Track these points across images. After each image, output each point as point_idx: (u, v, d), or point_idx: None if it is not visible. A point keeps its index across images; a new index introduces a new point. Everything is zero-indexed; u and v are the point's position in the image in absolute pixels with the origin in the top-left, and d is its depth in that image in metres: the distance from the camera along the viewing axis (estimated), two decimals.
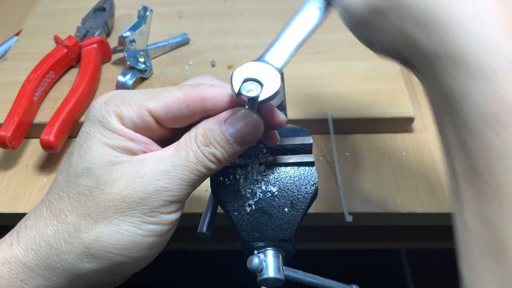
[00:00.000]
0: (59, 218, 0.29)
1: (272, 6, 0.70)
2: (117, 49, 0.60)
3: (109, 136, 0.29)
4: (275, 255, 0.32)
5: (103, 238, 0.28)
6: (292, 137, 0.34)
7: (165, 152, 0.30)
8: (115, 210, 0.28)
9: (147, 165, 0.29)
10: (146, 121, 0.29)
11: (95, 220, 0.28)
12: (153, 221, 0.29)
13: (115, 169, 0.28)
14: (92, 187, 0.28)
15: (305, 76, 0.57)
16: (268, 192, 0.33)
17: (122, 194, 0.28)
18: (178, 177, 0.29)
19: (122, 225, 0.28)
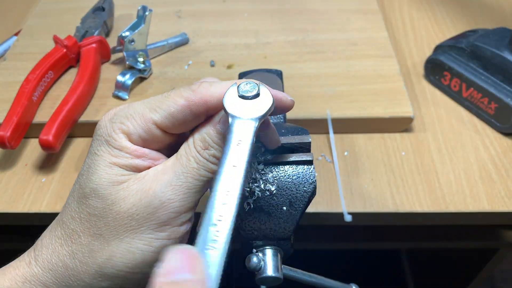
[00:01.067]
0: (73, 239, 0.29)
1: (271, 6, 0.70)
2: (116, 49, 0.60)
3: (116, 154, 0.29)
4: (273, 254, 0.32)
5: (115, 257, 0.28)
6: (290, 135, 0.34)
7: (166, 163, 0.30)
8: (125, 228, 0.28)
9: (151, 179, 0.29)
10: (154, 134, 0.30)
11: (106, 240, 0.29)
12: (163, 236, 0.29)
13: (122, 188, 0.29)
14: (101, 207, 0.29)
15: (305, 75, 0.57)
16: (266, 191, 0.33)
17: (130, 212, 0.28)
18: (182, 186, 0.28)
19: (133, 244, 0.28)
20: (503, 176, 0.49)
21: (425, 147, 0.53)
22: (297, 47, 0.62)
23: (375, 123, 0.53)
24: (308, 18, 0.67)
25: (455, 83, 0.56)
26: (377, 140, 0.53)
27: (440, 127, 0.55)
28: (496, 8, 0.72)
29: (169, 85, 0.58)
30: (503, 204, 0.47)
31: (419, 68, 0.62)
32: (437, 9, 0.72)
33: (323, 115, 0.52)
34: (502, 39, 0.53)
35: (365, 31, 0.64)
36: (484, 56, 0.53)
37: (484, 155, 0.52)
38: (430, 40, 0.66)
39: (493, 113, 0.53)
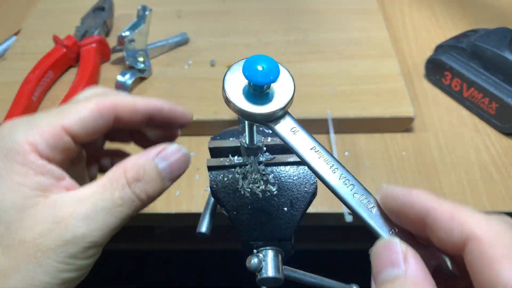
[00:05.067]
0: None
1: (271, 5, 0.69)
2: (116, 49, 0.60)
3: (19, 171, 0.25)
4: (274, 255, 0.32)
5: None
6: None
7: (85, 191, 0.26)
8: (27, 259, 0.25)
9: (64, 208, 0.26)
10: (64, 141, 0.27)
11: (4, 275, 0.25)
12: (69, 268, 0.26)
13: (28, 215, 0.25)
14: (2, 235, 0.25)
15: (305, 75, 0.57)
16: (267, 191, 0.33)
17: (36, 241, 0.25)
18: (99, 222, 0.26)
19: (35, 277, 0.25)
20: (504, 176, 0.49)
21: (425, 147, 0.53)
22: (297, 46, 0.62)
23: (375, 123, 0.53)
24: (308, 18, 0.67)
25: (456, 83, 0.56)
26: (377, 140, 0.53)
27: (440, 127, 0.55)
28: (496, 8, 0.72)
29: (169, 85, 0.57)
30: (504, 204, 0.47)
31: (419, 68, 0.62)
32: (438, 9, 0.72)
33: (323, 115, 0.52)
34: (502, 39, 0.53)
35: (366, 31, 0.64)
36: (485, 56, 0.53)
37: (485, 155, 0.52)
38: (430, 40, 0.66)
39: (494, 113, 0.53)
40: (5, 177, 0.25)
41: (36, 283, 0.25)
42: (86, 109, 0.27)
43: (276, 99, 0.27)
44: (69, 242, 0.25)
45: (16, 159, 0.25)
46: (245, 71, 0.25)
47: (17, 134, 0.26)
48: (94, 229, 0.26)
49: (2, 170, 0.25)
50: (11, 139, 0.26)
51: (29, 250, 0.25)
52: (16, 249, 0.25)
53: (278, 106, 0.26)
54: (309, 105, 0.54)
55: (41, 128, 0.26)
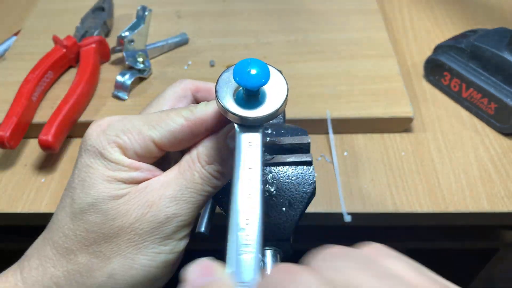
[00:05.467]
0: (68, 258, 0.27)
1: (271, 6, 0.69)
2: (116, 49, 0.60)
3: (112, 168, 0.28)
4: (273, 255, 0.32)
5: (117, 275, 0.27)
6: (290, 136, 0.34)
7: (168, 176, 0.29)
8: (127, 244, 0.27)
9: (152, 193, 0.28)
10: (150, 151, 0.29)
11: (107, 257, 0.27)
12: (166, 250, 0.28)
13: (122, 202, 0.28)
14: (101, 223, 0.27)
15: (304, 75, 0.57)
16: (266, 192, 0.33)
17: (133, 226, 0.27)
18: (186, 201, 0.28)
19: (136, 259, 0.27)
20: (503, 176, 0.49)
21: (425, 147, 0.53)
22: (297, 47, 0.62)
23: (374, 123, 0.53)
24: (308, 18, 0.67)
25: (455, 83, 0.56)
26: (377, 140, 0.53)
27: (440, 127, 0.55)
28: (496, 8, 0.72)
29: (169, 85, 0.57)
30: (503, 204, 0.47)
31: (419, 68, 0.62)
32: (437, 9, 0.72)
33: (322, 115, 0.52)
34: (502, 39, 0.53)
35: (365, 31, 0.64)
36: (484, 56, 0.53)
37: (484, 155, 0.52)
38: (430, 40, 0.66)
39: (493, 113, 0.53)
40: (100, 171, 0.28)
41: (136, 265, 0.27)
42: (177, 125, 0.28)
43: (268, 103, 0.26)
44: (163, 223, 0.27)
45: (109, 158, 0.28)
46: (236, 75, 0.25)
47: (110, 137, 0.28)
48: (183, 208, 0.28)
49: (98, 166, 0.28)
50: (106, 139, 0.28)
51: (128, 235, 0.27)
52: (115, 235, 0.27)
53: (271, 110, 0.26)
54: (309, 105, 0.54)
55: (131, 135, 0.28)
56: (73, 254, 0.27)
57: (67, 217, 0.28)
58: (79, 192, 0.28)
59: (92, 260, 0.27)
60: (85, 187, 0.28)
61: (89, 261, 0.27)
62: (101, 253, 0.27)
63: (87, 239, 0.27)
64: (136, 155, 0.28)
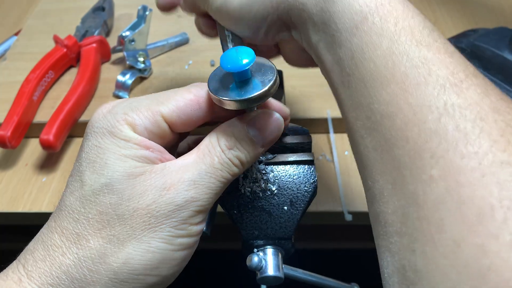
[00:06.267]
0: (79, 244, 0.26)
1: None
2: (116, 49, 0.60)
3: (124, 146, 0.27)
4: (274, 253, 0.32)
5: (133, 260, 0.26)
6: (291, 135, 0.35)
7: (187, 160, 0.28)
8: (143, 226, 0.26)
9: (171, 175, 0.27)
10: (161, 127, 0.28)
11: (122, 241, 0.26)
12: (183, 233, 0.27)
13: (138, 182, 0.26)
14: (116, 204, 0.26)
15: (305, 75, 0.57)
16: (267, 191, 0.33)
17: (149, 208, 0.26)
18: (205, 185, 0.27)
19: (152, 243, 0.26)
20: None
21: None
22: None
23: None
24: None
25: None
26: None
27: None
28: (496, 8, 0.72)
29: (169, 85, 0.58)
30: None
31: None
32: (437, 9, 0.72)
33: (323, 114, 0.53)
34: (502, 38, 0.53)
35: None
36: (484, 56, 0.53)
37: None
38: None
39: None
40: (112, 150, 0.26)
41: (152, 249, 0.26)
42: (185, 99, 0.28)
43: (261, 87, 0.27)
44: (181, 207, 0.26)
45: (119, 135, 0.27)
46: (223, 63, 0.26)
47: (118, 115, 0.27)
48: (202, 193, 0.27)
49: (108, 145, 0.27)
50: (114, 118, 0.27)
51: (143, 217, 0.26)
52: (130, 217, 0.26)
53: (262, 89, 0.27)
54: (309, 105, 0.54)
55: (140, 112, 0.27)
56: (85, 239, 0.26)
57: (77, 201, 0.27)
58: (89, 174, 0.26)
59: (105, 245, 0.26)
60: (97, 168, 0.26)
61: (102, 246, 0.26)
62: (115, 237, 0.26)
63: (100, 222, 0.26)
64: (147, 132, 0.27)
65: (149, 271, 0.26)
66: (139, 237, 0.26)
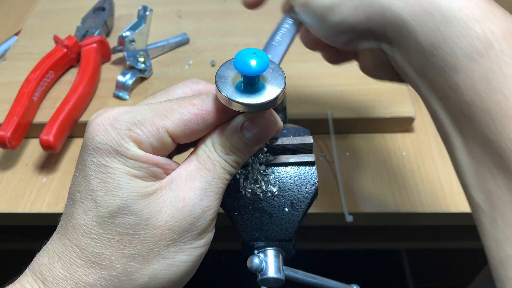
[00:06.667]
0: (102, 264, 0.26)
1: (272, 6, 0.69)
2: (116, 49, 0.60)
3: (133, 165, 0.26)
4: (275, 255, 0.32)
5: (158, 275, 0.26)
6: (292, 136, 0.34)
7: (188, 168, 0.28)
8: (165, 243, 0.26)
9: (181, 187, 0.27)
10: (166, 142, 0.27)
11: (146, 259, 0.26)
12: (202, 243, 0.28)
13: (152, 200, 0.26)
14: (135, 224, 0.26)
15: (305, 75, 0.57)
16: (268, 192, 0.33)
17: (169, 224, 0.26)
18: (214, 191, 0.28)
19: (176, 257, 0.27)
20: None
21: (426, 147, 0.53)
22: (297, 47, 0.62)
23: (376, 123, 0.53)
24: None
25: None
26: (378, 140, 0.53)
27: None
28: None
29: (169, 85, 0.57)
30: None
31: None
32: None
33: (324, 115, 0.52)
34: None
35: None
36: None
37: None
38: None
39: None
40: (122, 170, 0.26)
41: (176, 263, 0.27)
42: (189, 113, 0.27)
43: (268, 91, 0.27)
44: (199, 218, 0.27)
45: (127, 155, 0.26)
46: (236, 64, 0.25)
47: (122, 131, 0.26)
48: (213, 199, 0.28)
49: (117, 164, 0.26)
50: (118, 134, 0.26)
51: (165, 233, 0.26)
52: (152, 235, 0.26)
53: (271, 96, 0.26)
54: (310, 106, 0.54)
55: (144, 127, 0.27)
56: (107, 260, 0.26)
57: (93, 222, 0.26)
58: (102, 195, 0.26)
59: (130, 264, 0.26)
60: (109, 189, 0.26)
61: (126, 264, 0.26)
62: (138, 255, 0.26)
63: (121, 242, 0.26)
64: (152, 148, 0.27)
65: (173, 283, 0.27)
66: (163, 253, 0.26)
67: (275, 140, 0.34)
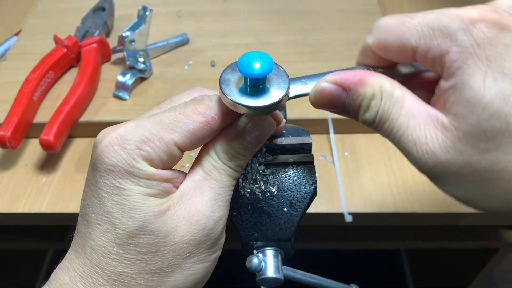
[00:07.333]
0: (124, 283, 0.27)
1: (272, 6, 0.69)
2: (116, 49, 0.60)
3: (146, 185, 0.27)
4: (274, 255, 0.32)
5: (179, 285, 0.28)
6: (291, 136, 0.34)
7: (196, 179, 0.29)
8: (183, 256, 0.28)
9: (192, 201, 0.28)
10: (175, 155, 0.28)
11: (166, 272, 0.27)
12: (216, 249, 0.29)
13: (167, 218, 0.27)
14: (153, 243, 0.27)
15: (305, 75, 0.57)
16: (267, 192, 0.33)
17: (185, 239, 0.27)
18: (223, 200, 0.29)
19: (194, 267, 0.28)
20: None
21: None
22: (297, 47, 0.62)
23: None
24: (308, 18, 0.67)
25: None
26: (377, 140, 0.53)
27: None
28: None
29: (169, 85, 0.58)
30: None
31: None
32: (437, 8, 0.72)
33: (323, 115, 0.52)
34: None
35: (366, 31, 0.63)
36: None
37: None
38: None
39: None
40: (136, 191, 0.27)
41: (195, 271, 0.28)
42: (195, 123, 0.27)
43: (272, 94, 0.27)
44: (212, 229, 0.28)
45: (140, 175, 0.27)
46: (240, 66, 0.25)
47: (132, 152, 0.26)
48: (223, 207, 0.29)
49: (131, 186, 0.26)
50: (129, 155, 0.26)
51: (182, 248, 0.27)
52: (170, 251, 0.27)
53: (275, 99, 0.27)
54: (309, 105, 0.53)
55: (153, 143, 0.27)
56: (130, 278, 0.27)
57: (112, 243, 0.27)
58: (119, 217, 0.27)
59: (152, 279, 0.27)
60: (126, 210, 0.26)
61: (148, 280, 0.27)
62: (159, 270, 0.27)
63: (141, 260, 0.27)
64: (162, 163, 0.27)
65: (192, 286, 0.29)
66: (182, 265, 0.28)
67: (275, 140, 0.34)
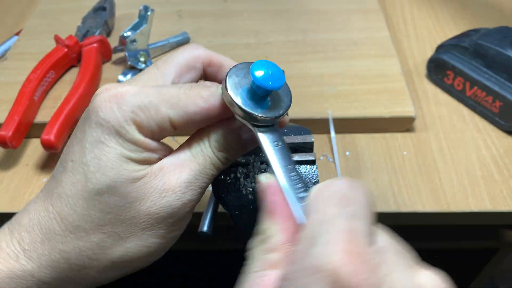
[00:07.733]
0: (78, 236, 0.27)
1: (272, 6, 0.69)
2: (117, 49, 0.60)
3: (129, 148, 0.27)
4: None
5: (130, 252, 0.28)
6: (293, 135, 0.34)
7: (180, 157, 0.28)
8: (142, 226, 0.28)
9: (168, 176, 0.28)
10: (165, 130, 0.28)
11: (122, 238, 0.28)
12: (174, 229, 0.29)
13: (140, 185, 0.27)
14: (119, 206, 0.27)
15: (306, 75, 0.57)
16: None
17: (149, 211, 0.27)
18: (199, 186, 0.29)
19: (149, 239, 0.28)
20: (505, 175, 0.49)
21: (426, 146, 0.53)
22: (297, 47, 0.62)
23: (376, 123, 0.53)
24: (308, 18, 0.67)
25: (458, 82, 0.56)
26: (378, 140, 0.53)
27: (441, 126, 0.55)
28: (496, 8, 0.72)
29: None
30: (506, 204, 0.47)
31: (420, 67, 0.62)
32: (439, 8, 0.72)
33: (324, 115, 0.52)
34: (504, 37, 0.53)
35: (366, 31, 0.64)
36: (488, 55, 0.53)
37: (486, 154, 0.52)
38: (431, 40, 0.66)
39: (497, 111, 0.53)
40: (117, 150, 0.27)
41: (149, 244, 0.29)
42: (196, 107, 0.27)
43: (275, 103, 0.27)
44: (178, 209, 0.28)
45: (126, 137, 0.27)
46: (256, 76, 0.26)
47: (126, 113, 0.26)
48: (196, 193, 0.29)
49: (114, 144, 0.27)
50: (122, 115, 0.26)
51: (144, 218, 0.28)
52: (131, 218, 0.27)
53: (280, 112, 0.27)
54: (310, 105, 0.54)
55: (149, 112, 0.27)
56: (85, 232, 0.27)
57: (79, 195, 0.27)
58: (94, 171, 0.26)
59: (106, 240, 0.27)
60: (102, 167, 0.26)
61: (102, 240, 0.27)
62: (116, 233, 0.27)
63: (101, 219, 0.27)
64: (151, 133, 0.27)
65: (142, 261, 0.29)
66: (138, 234, 0.28)
67: None
